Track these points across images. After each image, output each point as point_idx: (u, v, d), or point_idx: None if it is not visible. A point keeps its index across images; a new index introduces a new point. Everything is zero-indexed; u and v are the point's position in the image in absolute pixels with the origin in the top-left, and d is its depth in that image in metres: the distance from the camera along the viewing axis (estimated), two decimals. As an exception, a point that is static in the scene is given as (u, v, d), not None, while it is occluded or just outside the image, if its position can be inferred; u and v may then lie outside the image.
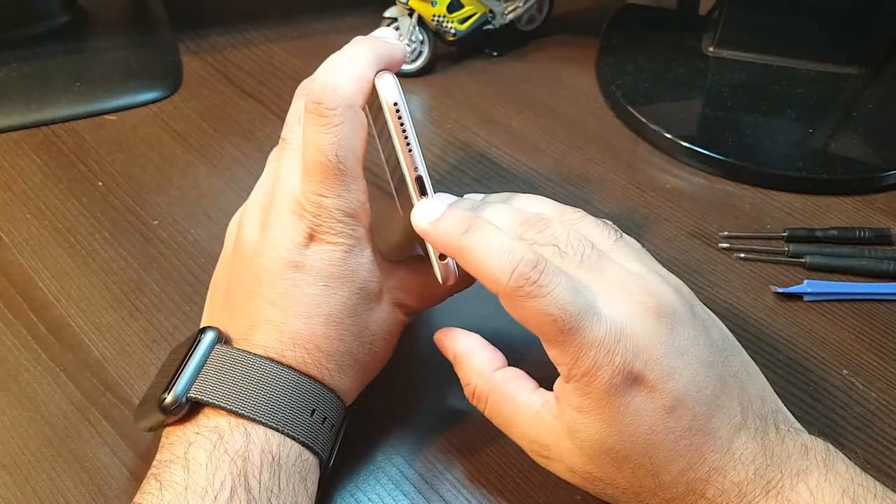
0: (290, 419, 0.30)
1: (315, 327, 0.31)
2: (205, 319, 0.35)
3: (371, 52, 0.31)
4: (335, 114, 0.29)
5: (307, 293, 0.31)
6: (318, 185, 0.30)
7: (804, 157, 0.50)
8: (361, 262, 0.31)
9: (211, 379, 0.30)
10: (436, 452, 0.36)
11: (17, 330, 0.40)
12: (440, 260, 0.32)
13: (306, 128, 0.30)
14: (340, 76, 0.30)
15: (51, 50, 0.57)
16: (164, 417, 0.29)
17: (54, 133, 0.52)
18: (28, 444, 0.35)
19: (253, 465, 0.28)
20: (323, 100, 0.29)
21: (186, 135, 0.52)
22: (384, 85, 0.30)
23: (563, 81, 0.58)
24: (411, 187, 0.30)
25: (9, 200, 0.47)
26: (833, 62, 0.56)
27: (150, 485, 0.28)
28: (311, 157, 0.30)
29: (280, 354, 0.30)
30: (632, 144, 0.53)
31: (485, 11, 0.58)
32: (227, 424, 0.29)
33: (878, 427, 0.37)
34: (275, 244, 0.31)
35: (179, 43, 0.60)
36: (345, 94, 0.30)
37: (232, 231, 0.35)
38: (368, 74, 0.30)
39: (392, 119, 0.29)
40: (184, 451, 0.28)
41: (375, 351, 0.33)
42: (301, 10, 0.64)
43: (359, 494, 0.34)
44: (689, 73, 0.57)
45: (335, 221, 0.30)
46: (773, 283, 0.44)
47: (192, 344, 0.31)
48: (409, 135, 0.30)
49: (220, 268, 0.35)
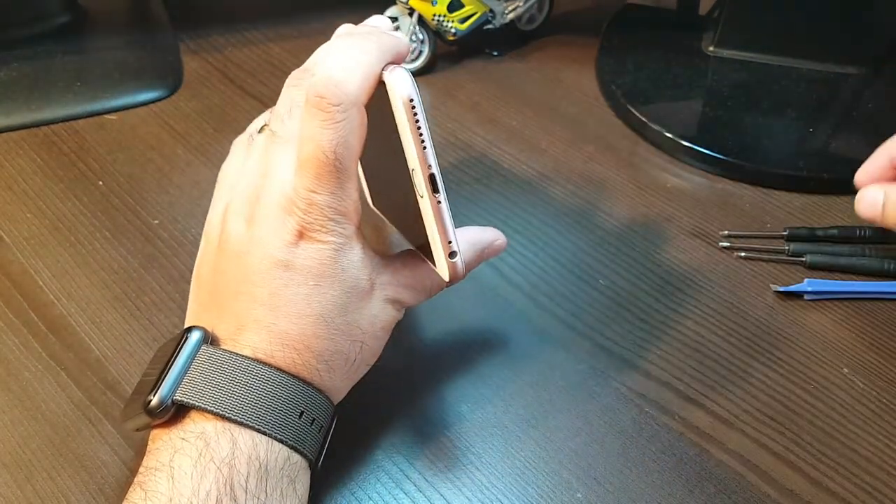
0: (278, 422, 0.29)
1: (305, 327, 0.30)
2: (190, 317, 0.34)
3: (379, 47, 0.30)
4: (338, 110, 0.28)
5: (297, 293, 0.30)
6: (312, 182, 0.29)
7: (804, 157, 0.50)
8: (352, 261, 0.31)
9: (197, 381, 0.29)
10: (437, 451, 0.36)
11: (18, 329, 0.40)
12: (450, 258, 0.31)
13: (306, 121, 0.29)
14: (347, 72, 0.28)
15: (51, 50, 0.57)
16: (150, 420, 0.29)
17: (55, 133, 0.52)
18: (29, 443, 0.35)
19: (239, 473, 0.28)
20: (326, 94, 0.28)
21: (187, 134, 0.52)
22: (398, 79, 0.28)
23: (563, 81, 0.59)
24: (423, 184, 0.29)
25: (9, 200, 0.47)
26: (833, 62, 0.56)
27: (135, 494, 0.27)
28: (308, 151, 0.29)
29: (269, 355, 0.30)
30: (632, 144, 0.53)
31: (485, 11, 0.58)
32: (213, 429, 0.28)
33: (879, 425, 0.37)
34: (263, 242, 0.30)
35: (179, 43, 0.60)
36: (350, 91, 0.28)
37: (214, 223, 0.33)
38: (376, 71, 0.29)
39: (407, 115, 0.28)
40: (169, 458, 0.28)
41: (366, 349, 0.32)
42: (301, 10, 0.64)
43: (359, 493, 0.34)
44: (689, 72, 0.57)
45: (326, 220, 0.30)
46: (774, 282, 0.44)
47: (178, 344, 0.30)
48: (423, 131, 0.28)
49: (204, 262, 0.33)
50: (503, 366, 0.39)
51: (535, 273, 0.44)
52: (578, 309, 0.42)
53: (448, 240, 0.30)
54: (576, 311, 0.42)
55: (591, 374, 0.39)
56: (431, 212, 0.29)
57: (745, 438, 0.37)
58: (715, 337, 0.41)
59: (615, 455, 0.36)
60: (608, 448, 0.36)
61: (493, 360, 0.39)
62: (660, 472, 0.35)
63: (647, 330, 0.41)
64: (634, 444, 0.36)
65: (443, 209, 0.29)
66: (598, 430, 0.37)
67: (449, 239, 0.30)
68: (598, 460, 0.35)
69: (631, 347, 0.40)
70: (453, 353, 0.40)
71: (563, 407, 0.38)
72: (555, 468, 0.35)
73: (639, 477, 0.35)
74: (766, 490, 0.35)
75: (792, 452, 0.36)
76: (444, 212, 0.29)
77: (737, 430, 0.37)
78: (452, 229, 0.30)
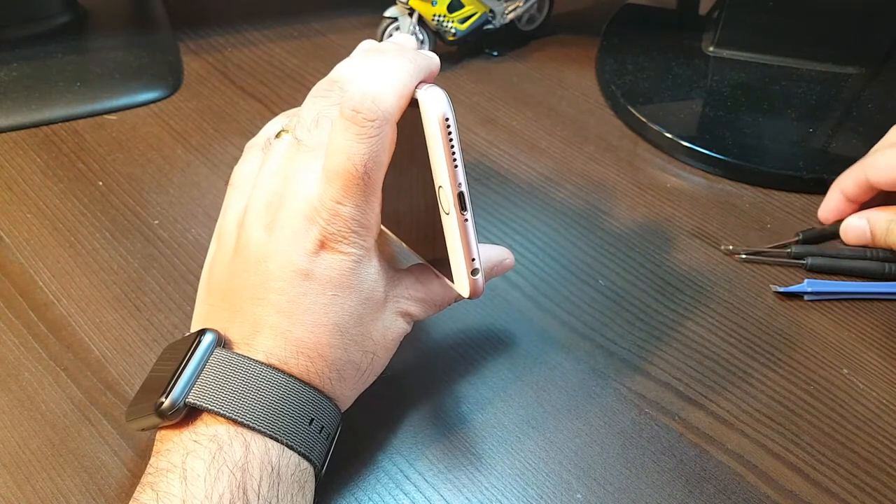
0: (290, 429, 0.29)
1: (321, 336, 0.30)
2: (199, 318, 0.33)
3: (415, 66, 0.30)
4: (373, 126, 0.29)
5: (315, 302, 0.30)
6: (339, 193, 0.30)
7: (804, 157, 0.50)
8: (369, 273, 0.31)
9: (210, 384, 0.29)
10: (437, 452, 0.36)
11: (18, 329, 0.40)
12: (472, 275, 0.31)
13: (339, 133, 0.29)
14: (384, 88, 0.29)
15: (51, 50, 0.57)
16: (159, 421, 0.29)
17: (54, 133, 0.52)
18: (28, 443, 0.35)
19: (252, 477, 0.28)
20: (362, 110, 0.29)
21: (186, 134, 0.52)
22: (434, 98, 0.29)
23: (563, 81, 0.59)
24: (450, 202, 0.30)
25: (9, 200, 0.47)
26: (833, 62, 0.56)
27: (146, 494, 0.27)
28: (338, 163, 0.29)
29: (283, 362, 0.30)
30: (632, 144, 0.53)
31: (485, 11, 0.58)
32: (226, 433, 0.28)
33: (879, 426, 0.37)
34: (284, 249, 0.30)
35: (179, 43, 0.60)
36: (385, 108, 0.29)
37: (229, 226, 0.33)
38: (410, 89, 0.30)
39: (441, 133, 0.29)
40: (181, 460, 0.28)
41: (376, 360, 0.33)
42: (301, 10, 0.64)
43: (359, 494, 0.34)
44: (689, 73, 0.57)
45: (349, 231, 0.30)
46: (774, 282, 0.44)
47: (190, 345, 0.30)
48: (456, 150, 0.29)
49: (218, 264, 0.33)
50: (503, 366, 0.39)
51: (535, 273, 0.44)
52: (578, 309, 0.42)
53: (472, 257, 0.31)
54: (575, 312, 0.42)
55: (590, 375, 0.39)
56: (458, 229, 0.30)
57: (745, 439, 0.37)
58: (715, 337, 0.41)
59: (615, 455, 0.36)
60: (608, 448, 0.36)
61: (492, 361, 0.39)
62: (659, 473, 0.35)
63: (647, 330, 0.41)
64: (634, 444, 0.36)
65: (469, 227, 0.30)
66: (597, 431, 0.37)
67: (473, 256, 0.31)
68: (598, 461, 0.35)
69: (631, 348, 0.40)
70: (453, 353, 0.40)
71: (563, 408, 0.38)
72: (554, 469, 0.35)
73: (638, 477, 0.35)
74: (766, 491, 0.35)
75: (791, 453, 0.36)
76: (470, 230, 0.30)
77: (736, 431, 0.37)
78: (476, 247, 0.31)
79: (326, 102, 0.31)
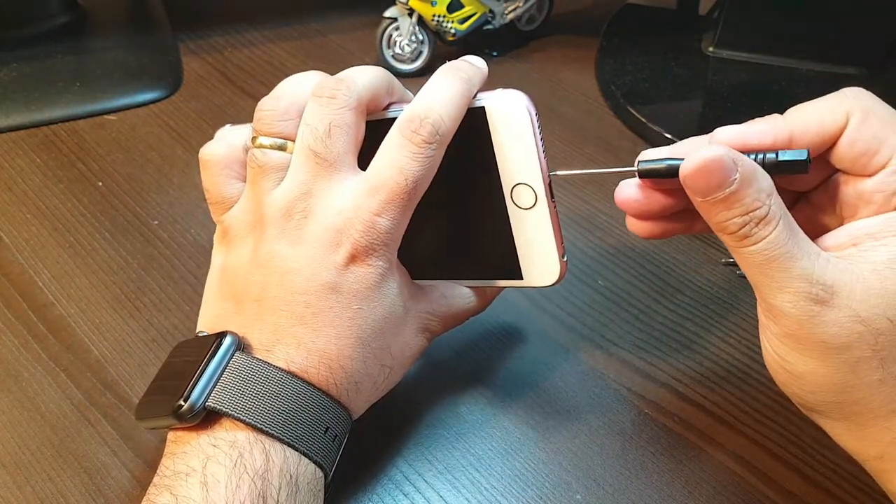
0: (308, 438, 0.29)
1: (343, 348, 0.30)
2: (210, 319, 0.33)
3: (472, 87, 0.32)
4: (430, 147, 0.30)
5: (340, 314, 0.30)
6: (381, 206, 0.30)
7: (804, 157, 0.50)
8: (391, 286, 0.31)
9: (230, 388, 0.29)
10: (436, 452, 0.36)
11: (18, 330, 0.40)
12: (563, 259, 0.32)
13: (393, 149, 0.30)
14: (445, 112, 0.30)
15: (51, 50, 0.57)
16: (175, 423, 0.28)
17: (54, 133, 0.52)
18: (28, 444, 0.35)
19: (271, 486, 0.28)
20: (422, 131, 0.30)
21: (186, 135, 0.52)
22: (517, 98, 0.31)
23: (563, 81, 0.58)
24: (541, 193, 0.31)
25: (9, 201, 0.47)
26: (833, 62, 0.56)
27: (163, 497, 0.27)
28: (387, 177, 0.30)
29: (303, 370, 0.30)
30: (632, 144, 0.53)
31: (485, 11, 0.58)
32: (245, 440, 0.28)
33: (879, 427, 0.37)
34: (313, 263, 0.30)
35: (179, 43, 0.60)
36: (444, 132, 0.30)
37: (241, 235, 0.33)
38: (464, 110, 0.31)
39: (532, 129, 0.31)
40: (201, 465, 0.27)
41: (392, 375, 0.33)
42: (301, 10, 0.64)
43: (359, 494, 0.34)
44: (689, 73, 0.57)
45: (381, 244, 0.30)
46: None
47: (209, 347, 0.29)
48: (541, 144, 0.32)
49: (234, 269, 0.32)
50: (502, 367, 0.39)
51: (535, 274, 0.44)
52: (578, 310, 0.42)
53: (562, 241, 0.32)
54: (575, 312, 0.42)
55: (590, 375, 0.39)
56: (550, 217, 0.32)
57: (745, 439, 0.37)
58: (714, 338, 0.41)
59: (614, 456, 0.36)
60: (607, 449, 0.36)
61: (492, 361, 0.39)
62: (659, 474, 0.35)
63: (647, 331, 0.41)
64: (633, 445, 0.36)
65: (557, 214, 0.32)
66: (597, 432, 0.37)
67: (562, 241, 0.32)
68: (598, 461, 0.35)
69: (630, 348, 0.40)
70: (452, 354, 0.40)
71: (563, 408, 0.38)
72: (554, 469, 0.35)
73: (638, 478, 0.35)
74: (765, 491, 0.35)
75: (791, 454, 0.36)
76: (557, 216, 0.32)
77: (736, 432, 0.37)
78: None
79: (335, 106, 0.31)
